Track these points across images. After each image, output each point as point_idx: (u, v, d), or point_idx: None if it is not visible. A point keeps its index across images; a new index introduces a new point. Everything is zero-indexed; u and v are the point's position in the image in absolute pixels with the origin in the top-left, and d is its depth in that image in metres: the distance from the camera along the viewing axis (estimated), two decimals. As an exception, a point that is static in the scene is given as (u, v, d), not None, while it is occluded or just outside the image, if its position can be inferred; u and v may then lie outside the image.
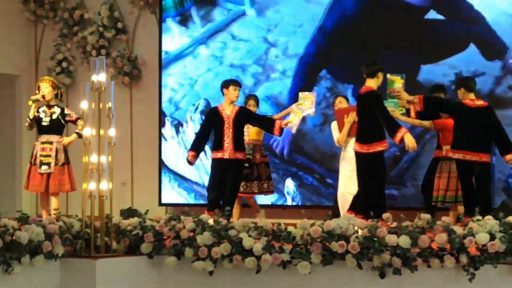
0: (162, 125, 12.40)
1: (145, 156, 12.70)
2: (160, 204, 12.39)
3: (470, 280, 6.76)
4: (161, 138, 12.43)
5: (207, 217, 7.74)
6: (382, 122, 8.49)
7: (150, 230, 7.67)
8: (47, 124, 9.72)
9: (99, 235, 7.63)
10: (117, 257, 7.65)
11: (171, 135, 12.37)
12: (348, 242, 7.01)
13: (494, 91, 10.37)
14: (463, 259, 6.78)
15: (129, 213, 8.31)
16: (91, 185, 7.70)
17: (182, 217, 7.75)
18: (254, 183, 9.93)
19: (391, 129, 8.41)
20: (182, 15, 12.36)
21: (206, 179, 10.61)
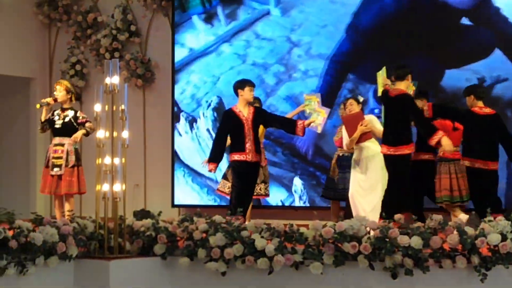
0: (177, 120, 12.43)
1: (158, 158, 12.71)
2: (173, 206, 12.41)
3: (481, 280, 6.77)
4: (173, 139, 12.45)
5: (220, 218, 7.70)
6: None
7: (163, 231, 7.67)
8: (59, 126, 9.77)
9: (112, 236, 7.65)
10: (130, 258, 7.66)
11: (185, 130, 12.39)
12: (360, 243, 7.02)
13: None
14: (475, 259, 6.79)
15: (142, 214, 8.36)
16: (105, 187, 7.71)
17: (195, 218, 7.76)
18: (261, 185, 9.90)
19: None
20: (208, 12, 12.39)
21: (218, 175, 10.57)
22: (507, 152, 8.85)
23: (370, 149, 9.30)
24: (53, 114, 9.86)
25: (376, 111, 10.60)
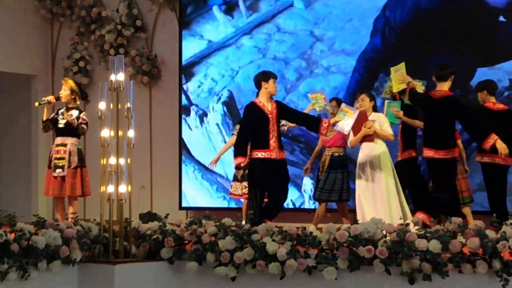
0: (187, 114, 12.31)
1: (165, 158, 12.64)
2: (181, 208, 12.33)
3: (503, 286, 6.68)
4: (181, 138, 12.36)
5: (230, 220, 7.64)
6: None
7: (171, 235, 7.67)
8: (62, 126, 9.74)
9: (117, 239, 7.64)
10: (136, 262, 7.63)
11: (195, 125, 12.28)
12: (376, 247, 6.94)
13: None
14: (496, 264, 6.70)
15: (148, 217, 8.29)
16: (110, 188, 7.68)
17: (204, 221, 7.75)
18: None
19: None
20: (229, 3, 12.24)
21: (230, 172, 10.35)
22: None
23: (374, 149, 9.18)
24: (57, 113, 9.84)
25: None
